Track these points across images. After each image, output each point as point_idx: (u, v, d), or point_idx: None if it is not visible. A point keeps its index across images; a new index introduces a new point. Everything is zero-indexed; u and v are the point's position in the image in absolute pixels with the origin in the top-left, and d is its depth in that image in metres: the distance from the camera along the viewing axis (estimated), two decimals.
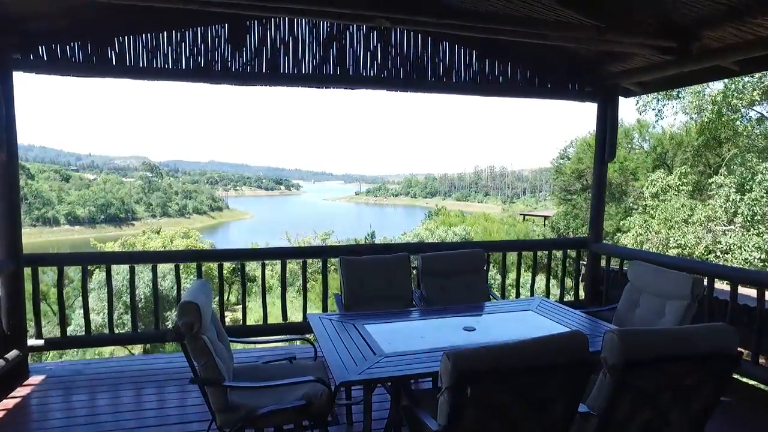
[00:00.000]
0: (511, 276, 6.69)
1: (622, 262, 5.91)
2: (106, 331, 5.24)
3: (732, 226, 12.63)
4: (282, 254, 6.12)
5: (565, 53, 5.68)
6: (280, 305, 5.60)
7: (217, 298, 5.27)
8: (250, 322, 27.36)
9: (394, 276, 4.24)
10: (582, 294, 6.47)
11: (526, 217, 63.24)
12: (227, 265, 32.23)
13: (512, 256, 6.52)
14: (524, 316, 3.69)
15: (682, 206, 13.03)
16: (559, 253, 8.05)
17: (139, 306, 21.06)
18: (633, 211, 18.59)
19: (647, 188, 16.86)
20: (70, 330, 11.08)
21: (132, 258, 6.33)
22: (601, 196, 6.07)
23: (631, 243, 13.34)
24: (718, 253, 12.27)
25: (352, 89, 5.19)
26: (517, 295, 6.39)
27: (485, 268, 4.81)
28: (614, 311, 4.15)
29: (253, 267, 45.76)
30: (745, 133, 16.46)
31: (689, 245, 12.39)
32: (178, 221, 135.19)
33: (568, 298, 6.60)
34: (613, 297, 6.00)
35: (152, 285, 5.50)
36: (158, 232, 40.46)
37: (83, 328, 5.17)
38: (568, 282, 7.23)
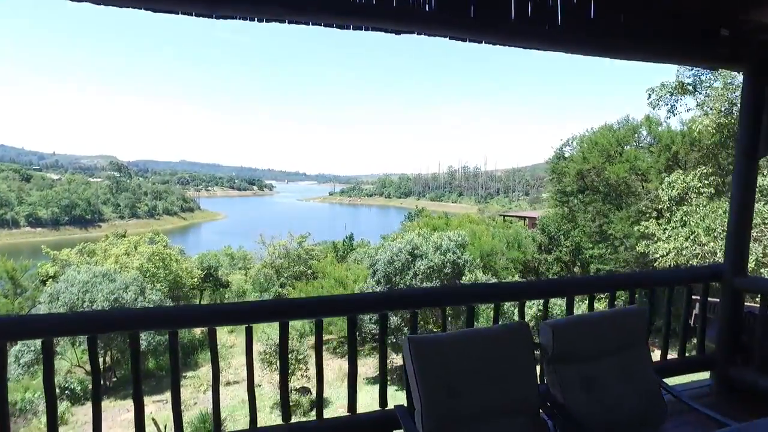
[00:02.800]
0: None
1: None
2: None
3: None
4: (284, 312, 3.24)
5: None
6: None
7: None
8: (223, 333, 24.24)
9: (507, 367, 2.23)
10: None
11: (506, 218, 62.10)
12: (197, 272, 29.62)
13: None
14: None
15: (725, 213, 11.40)
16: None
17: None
18: (647, 216, 17.00)
19: (665, 191, 15.22)
20: None
21: (9, 330, 2.82)
22: (747, 207, 4.14)
23: (674, 258, 11.58)
24: None
25: (396, 33, 3.15)
26: None
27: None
28: None
29: (228, 271, 42.89)
30: None
31: None
32: (147, 222, 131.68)
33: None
34: None
35: (44, 387, 2.69)
36: (124, 236, 37.81)
37: None
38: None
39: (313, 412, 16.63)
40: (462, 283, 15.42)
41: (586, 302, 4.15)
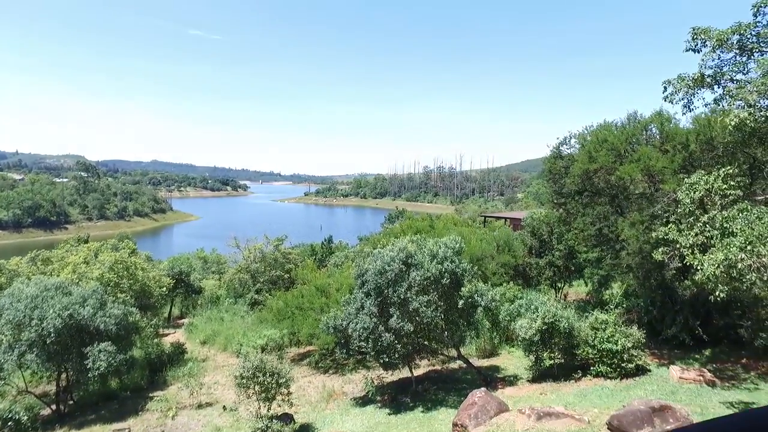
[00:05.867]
0: None
1: None
2: None
3: None
4: None
5: None
6: None
7: None
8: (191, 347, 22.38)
9: None
10: None
11: (487, 219, 61.05)
12: (167, 280, 27.46)
13: None
14: None
15: None
16: None
17: (48, 342, 16.35)
18: (661, 220, 15.61)
19: (687, 194, 13.80)
20: None
21: None
22: None
23: (717, 269, 10.06)
24: None
25: None
26: None
27: None
28: None
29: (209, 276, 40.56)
30: None
31: None
32: (116, 224, 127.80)
33: None
34: None
35: None
36: (86, 241, 35.32)
37: None
38: None
39: None
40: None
41: None
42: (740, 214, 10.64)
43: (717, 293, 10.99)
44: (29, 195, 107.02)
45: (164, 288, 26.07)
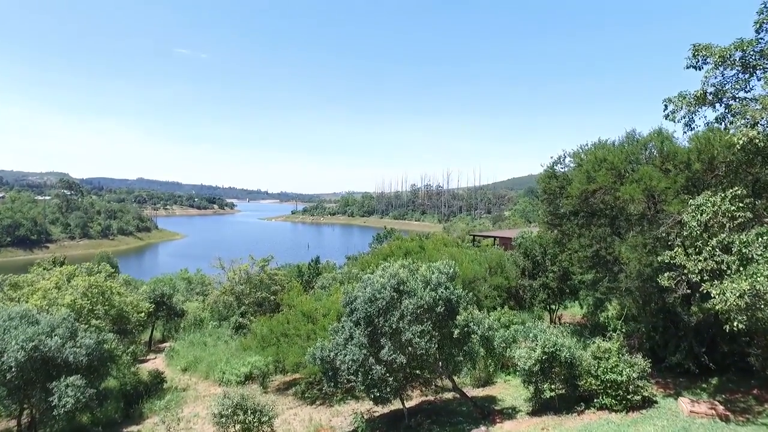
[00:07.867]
0: None
1: None
2: None
3: None
4: None
5: None
6: None
7: None
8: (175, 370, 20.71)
9: None
10: None
11: (476, 237, 60.30)
12: (146, 305, 26.15)
13: None
14: None
15: None
16: None
17: (9, 377, 15.12)
18: (664, 242, 14.89)
19: (694, 216, 13.10)
20: None
21: None
22: None
23: (740, 298, 9.34)
24: None
25: None
26: None
27: None
28: None
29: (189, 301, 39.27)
30: None
31: None
32: (100, 243, 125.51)
33: None
34: None
35: None
36: (62, 264, 33.95)
37: None
38: None
39: None
40: None
41: None
42: (758, 239, 9.90)
43: (735, 323, 10.22)
44: (9, 213, 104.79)
45: (143, 313, 24.81)
